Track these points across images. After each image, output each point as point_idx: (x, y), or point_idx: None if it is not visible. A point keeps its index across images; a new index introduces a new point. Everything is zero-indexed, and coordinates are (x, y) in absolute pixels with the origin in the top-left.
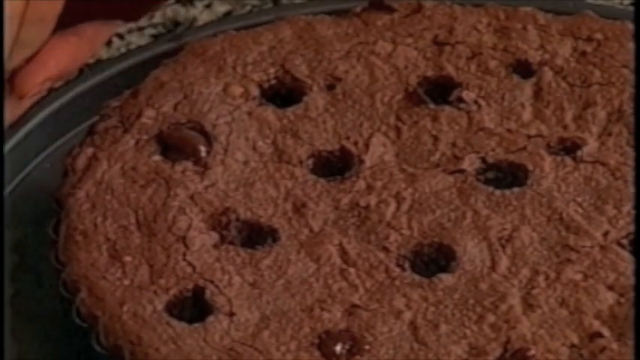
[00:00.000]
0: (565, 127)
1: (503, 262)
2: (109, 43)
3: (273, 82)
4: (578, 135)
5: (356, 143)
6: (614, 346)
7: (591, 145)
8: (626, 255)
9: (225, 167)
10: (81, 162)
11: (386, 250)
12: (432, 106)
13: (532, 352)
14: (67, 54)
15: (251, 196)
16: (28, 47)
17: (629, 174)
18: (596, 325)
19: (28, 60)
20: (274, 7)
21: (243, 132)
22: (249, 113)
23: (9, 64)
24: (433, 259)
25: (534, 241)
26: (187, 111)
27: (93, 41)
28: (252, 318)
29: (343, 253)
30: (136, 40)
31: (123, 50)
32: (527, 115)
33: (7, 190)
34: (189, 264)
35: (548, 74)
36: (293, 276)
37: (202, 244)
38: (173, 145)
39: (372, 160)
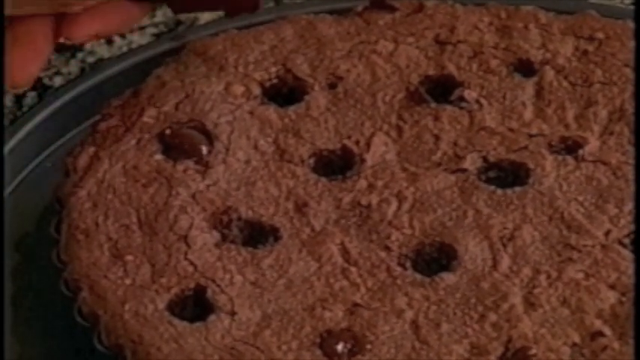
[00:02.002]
0: (566, 126)
1: (505, 261)
2: (110, 42)
3: (275, 81)
4: (579, 134)
5: (357, 142)
6: (616, 345)
7: (593, 144)
8: (628, 254)
9: (227, 166)
10: (82, 161)
11: (387, 249)
12: (433, 105)
13: (533, 351)
14: (120, 15)
15: (252, 195)
16: None
17: (631, 173)
18: (598, 324)
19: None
20: (276, 7)
21: (245, 131)
22: (251, 112)
23: None
24: (435, 258)
25: (536, 240)
26: (189, 110)
27: (144, 6)
28: (254, 317)
29: (345, 252)
30: (138, 39)
31: (124, 49)
32: (528, 114)
33: (9, 189)
34: (191, 263)
35: (549, 73)
36: (294, 275)
37: (204, 243)
38: (174, 145)
39: (374, 159)
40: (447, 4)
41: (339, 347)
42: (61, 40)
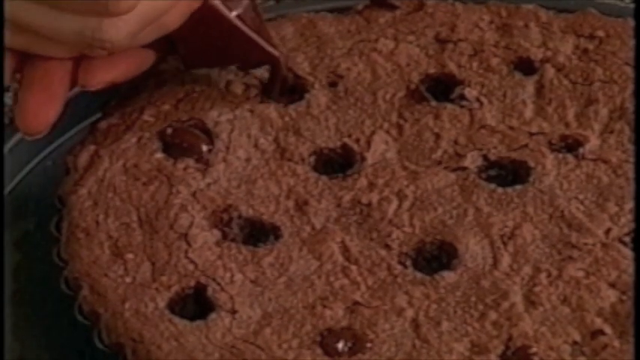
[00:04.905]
0: (567, 125)
1: (505, 260)
2: None
3: None
4: (580, 132)
5: (358, 140)
6: (616, 343)
7: (593, 143)
8: (628, 252)
9: (227, 165)
10: (83, 160)
11: (388, 247)
12: (433, 103)
13: (534, 349)
14: (135, 61)
15: (253, 193)
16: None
17: (631, 171)
18: (598, 322)
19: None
20: (276, 5)
21: (245, 129)
22: (251, 111)
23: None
24: (435, 257)
25: (536, 239)
26: (189, 108)
27: (161, 49)
28: (254, 315)
29: (345, 250)
30: None
31: None
32: (529, 112)
33: (10, 187)
34: (191, 261)
35: (550, 72)
36: (295, 273)
37: (204, 241)
38: (175, 143)
39: (374, 158)
40: (447, 2)
41: (340, 345)
42: (77, 87)
